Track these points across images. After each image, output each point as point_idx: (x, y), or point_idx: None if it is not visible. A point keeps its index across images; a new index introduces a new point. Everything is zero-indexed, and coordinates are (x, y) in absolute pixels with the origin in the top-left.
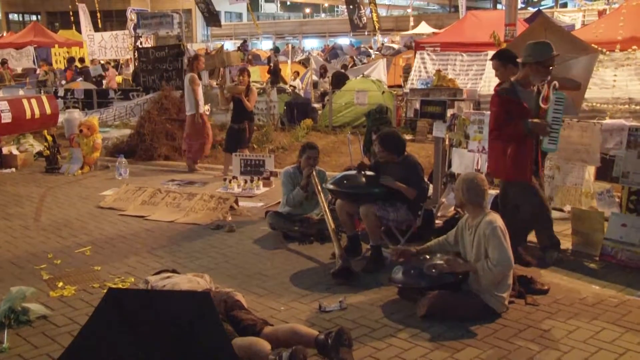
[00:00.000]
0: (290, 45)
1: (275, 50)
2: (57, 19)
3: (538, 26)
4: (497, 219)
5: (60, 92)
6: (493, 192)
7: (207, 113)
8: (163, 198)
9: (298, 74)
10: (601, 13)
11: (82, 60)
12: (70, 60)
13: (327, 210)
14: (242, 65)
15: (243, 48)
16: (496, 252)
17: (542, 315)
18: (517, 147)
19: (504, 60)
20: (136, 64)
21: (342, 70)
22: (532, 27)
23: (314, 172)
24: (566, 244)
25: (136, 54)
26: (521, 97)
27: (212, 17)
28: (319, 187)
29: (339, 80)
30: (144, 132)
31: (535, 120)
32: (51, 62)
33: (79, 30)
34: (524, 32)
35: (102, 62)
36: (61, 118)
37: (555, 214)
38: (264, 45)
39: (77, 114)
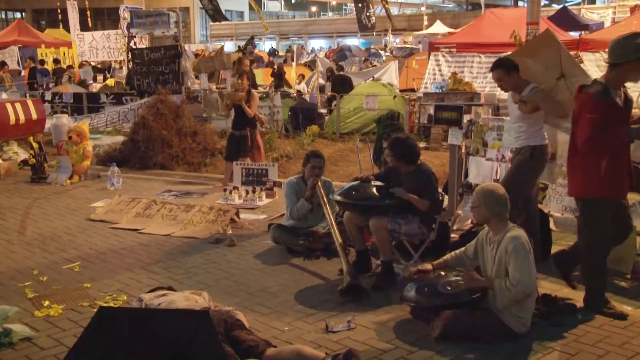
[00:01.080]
0: (296, 47)
1: (271, 53)
2: (43, 17)
3: (540, 42)
4: (521, 234)
5: (48, 96)
6: None
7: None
8: (159, 210)
9: (303, 77)
10: (633, 9)
11: (56, 61)
12: (56, 62)
13: (334, 223)
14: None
15: (251, 45)
16: (517, 271)
17: (568, 338)
18: (614, 160)
19: (509, 68)
20: (130, 66)
21: (343, 73)
22: (534, 44)
23: (319, 183)
24: None
25: (130, 55)
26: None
27: (217, 13)
28: (325, 199)
29: (341, 84)
30: (138, 139)
31: (637, 126)
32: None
33: (67, 29)
34: (527, 44)
35: (92, 63)
36: (48, 124)
37: None
38: (267, 47)
39: (65, 120)
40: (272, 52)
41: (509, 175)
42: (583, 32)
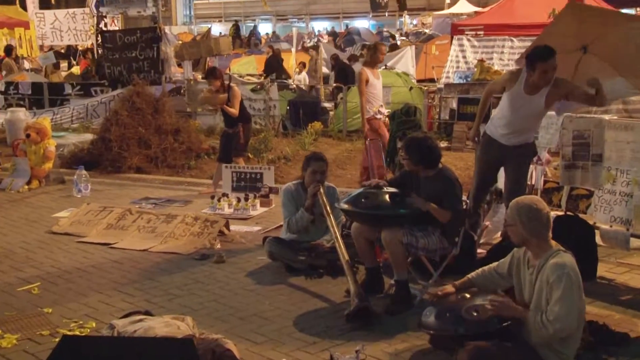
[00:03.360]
0: (295, 30)
1: (249, 41)
2: None
3: (567, 17)
4: (567, 261)
5: (0, 86)
6: (552, 213)
7: (384, 113)
8: (134, 221)
9: (304, 65)
10: None
11: (8, 49)
12: (8, 48)
13: (339, 236)
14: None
15: (254, 36)
16: (557, 305)
17: None
18: None
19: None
20: (99, 51)
21: (347, 62)
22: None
23: (322, 190)
24: None
25: (100, 38)
26: None
27: None
28: (329, 208)
29: (344, 73)
30: (111, 137)
31: None
32: None
33: (24, 7)
34: (552, 24)
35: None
36: (1, 119)
37: (633, 242)
38: (263, 30)
39: (22, 114)
40: (249, 42)
41: (522, 182)
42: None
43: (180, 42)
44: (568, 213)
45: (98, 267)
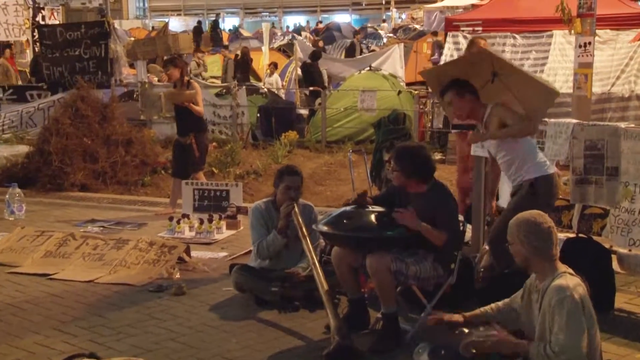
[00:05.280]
0: (265, 25)
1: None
2: None
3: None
4: (570, 283)
5: None
6: (562, 235)
7: None
8: (78, 247)
9: (276, 66)
10: None
11: None
12: None
13: (317, 263)
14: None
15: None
16: (562, 334)
17: None
18: None
19: (462, 89)
20: (36, 49)
21: (309, 61)
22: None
23: (296, 209)
24: None
25: (36, 34)
26: None
27: None
28: (305, 230)
29: (310, 76)
30: (50, 150)
31: None
32: None
33: None
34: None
35: None
36: None
37: None
38: (229, 25)
39: None
40: (235, 33)
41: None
42: None
43: (133, 39)
44: (580, 235)
45: (34, 302)
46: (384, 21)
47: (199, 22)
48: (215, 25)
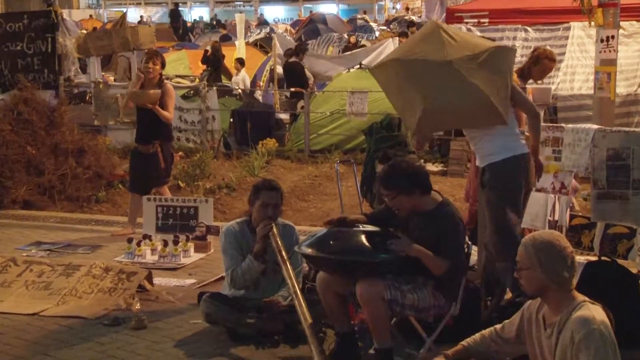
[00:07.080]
0: (238, 16)
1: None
2: None
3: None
4: (596, 315)
5: None
6: (582, 258)
7: None
8: (20, 274)
9: (243, 63)
10: None
11: None
12: None
13: (299, 291)
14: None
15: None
16: None
17: None
18: None
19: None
20: None
21: (296, 60)
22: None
23: (275, 229)
24: None
25: None
26: None
27: None
28: (284, 254)
29: (292, 75)
30: None
31: None
32: None
33: None
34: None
35: None
36: None
37: None
38: (196, 16)
39: None
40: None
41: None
42: None
43: (85, 31)
44: (603, 258)
45: None
46: (364, 12)
47: (176, 5)
48: (174, 14)
